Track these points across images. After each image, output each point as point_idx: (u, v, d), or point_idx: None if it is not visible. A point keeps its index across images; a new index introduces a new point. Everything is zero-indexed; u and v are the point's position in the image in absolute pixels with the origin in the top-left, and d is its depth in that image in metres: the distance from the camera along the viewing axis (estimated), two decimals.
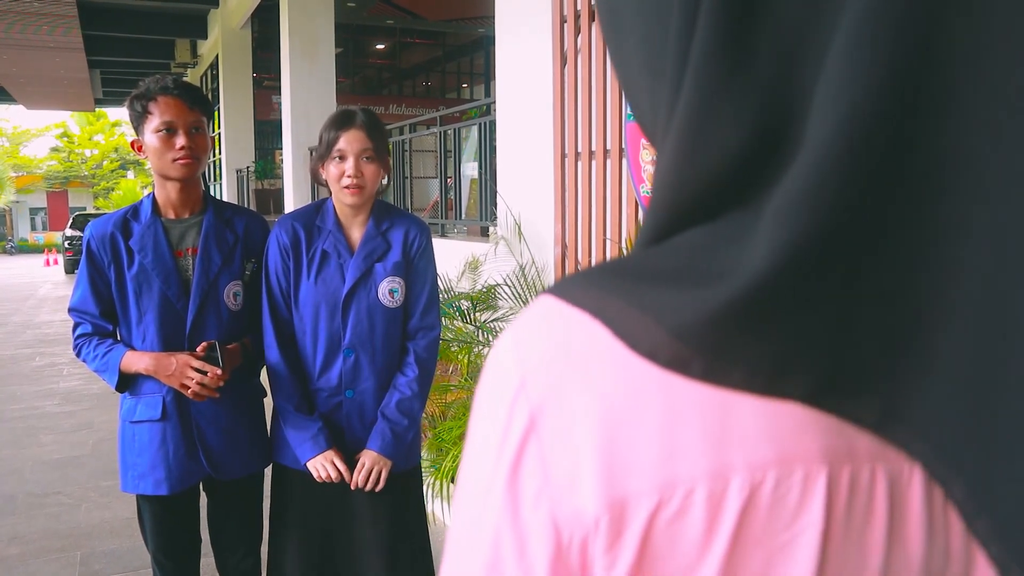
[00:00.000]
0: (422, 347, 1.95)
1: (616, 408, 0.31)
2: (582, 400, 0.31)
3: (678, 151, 0.33)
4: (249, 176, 12.78)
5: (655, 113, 0.36)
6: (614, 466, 0.30)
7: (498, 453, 0.33)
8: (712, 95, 0.31)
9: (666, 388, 0.31)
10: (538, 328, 0.34)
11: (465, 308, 3.81)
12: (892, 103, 0.28)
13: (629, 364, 0.31)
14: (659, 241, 0.35)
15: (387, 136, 1.95)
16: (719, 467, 0.30)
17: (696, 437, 0.30)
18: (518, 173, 4.42)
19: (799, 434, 0.30)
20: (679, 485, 0.30)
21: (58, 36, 11.55)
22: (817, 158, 0.28)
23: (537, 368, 0.33)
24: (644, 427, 0.30)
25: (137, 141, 1.91)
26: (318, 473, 1.86)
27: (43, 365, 7.20)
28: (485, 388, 0.36)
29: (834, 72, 0.28)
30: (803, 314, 0.30)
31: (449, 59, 17.59)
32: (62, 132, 33.78)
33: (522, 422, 0.32)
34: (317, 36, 9.04)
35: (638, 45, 0.36)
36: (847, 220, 0.29)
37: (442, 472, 2.98)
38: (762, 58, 0.31)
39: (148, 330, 1.89)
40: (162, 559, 2.03)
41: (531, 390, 0.33)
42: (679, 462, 0.30)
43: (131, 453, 1.95)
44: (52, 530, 3.40)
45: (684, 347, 0.30)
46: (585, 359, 0.32)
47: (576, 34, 3.84)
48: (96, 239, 1.90)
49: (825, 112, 0.29)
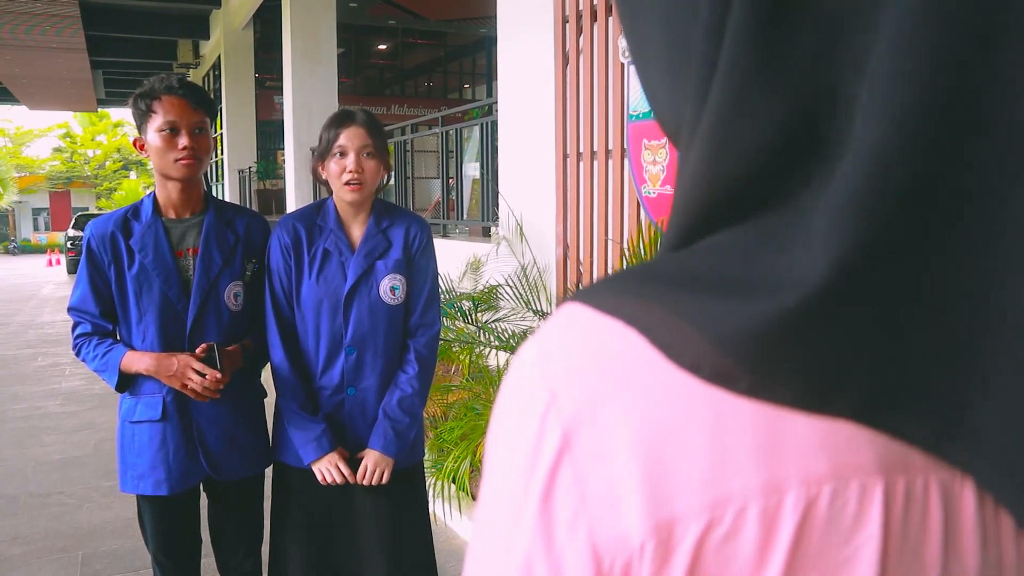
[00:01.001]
0: (422, 344, 1.96)
1: (659, 422, 0.29)
2: (621, 414, 0.29)
3: (708, 145, 0.31)
4: (251, 176, 12.80)
5: (678, 110, 0.34)
6: (659, 485, 0.28)
7: (527, 475, 0.31)
8: (746, 88, 0.30)
9: (712, 400, 0.29)
10: (567, 337, 0.32)
11: (467, 308, 3.81)
12: (948, 100, 0.26)
13: (671, 375, 0.29)
14: (689, 243, 0.33)
15: (386, 136, 1.96)
16: (772, 482, 0.28)
17: (746, 451, 0.28)
18: (520, 173, 4.41)
19: (853, 444, 0.29)
20: (730, 503, 0.28)
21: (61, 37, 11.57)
22: (871, 159, 0.27)
23: (569, 381, 0.31)
24: (690, 442, 0.28)
25: (140, 139, 1.91)
26: (322, 476, 1.86)
27: (45, 365, 7.21)
28: (507, 405, 0.33)
29: (882, 69, 0.27)
30: (857, 326, 0.28)
31: (451, 59, 17.60)
32: (65, 132, 33.83)
33: (554, 440, 0.30)
34: (319, 36, 9.05)
35: (661, 38, 0.34)
36: (904, 226, 0.27)
37: (444, 473, 2.97)
38: (797, 52, 0.29)
39: (148, 330, 1.88)
40: (162, 559, 2.03)
41: (563, 405, 0.30)
42: (729, 478, 0.28)
43: (131, 453, 1.95)
44: (54, 530, 3.40)
45: (730, 361, 0.29)
46: (622, 370, 0.30)
47: (578, 34, 3.84)
48: (96, 238, 1.89)
49: (875, 111, 0.27)
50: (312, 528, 1.96)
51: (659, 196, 3.39)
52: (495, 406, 0.35)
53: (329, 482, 1.86)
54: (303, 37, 8.95)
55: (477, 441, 3.00)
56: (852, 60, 0.28)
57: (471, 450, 2.98)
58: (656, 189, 3.40)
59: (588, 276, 3.85)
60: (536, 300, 3.77)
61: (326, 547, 1.97)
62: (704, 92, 0.31)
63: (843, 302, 0.28)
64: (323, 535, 1.97)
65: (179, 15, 13.70)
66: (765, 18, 0.29)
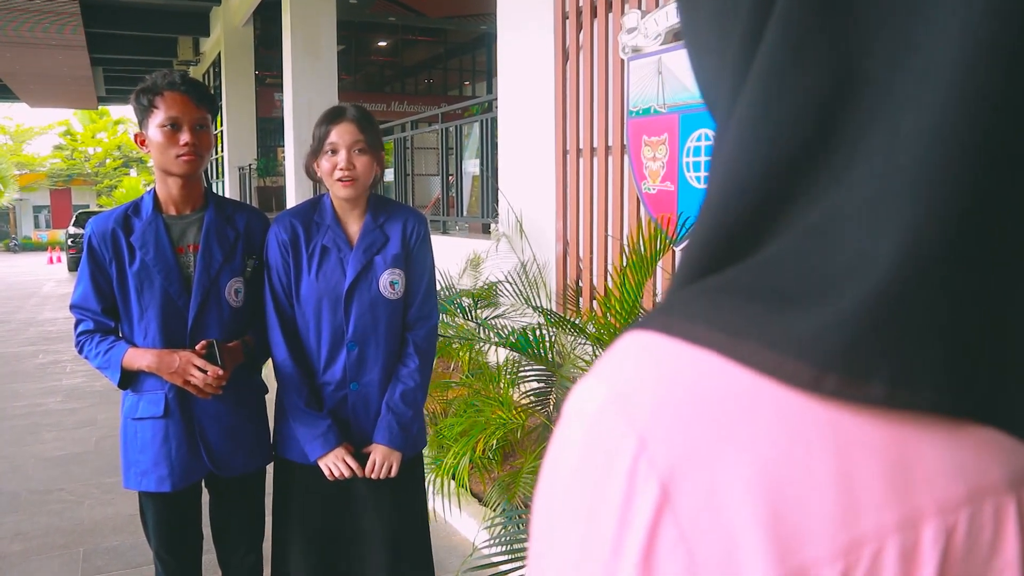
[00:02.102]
0: (421, 336, 1.96)
1: (776, 461, 0.25)
2: (729, 457, 0.25)
3: (760, 96, 0.28)
4: (251, 173, 12.80)
5: (721, 71, 0.32)
6: (784, 534, 0.25)
7: (616, 539, 0.26)
8: (799, 43, 0.27)
9: (833, 429, 0.25)
10: (649, 371, 0.28)
11: (466, 305, 3.81)
12: (1016, 65, 0.24)
13: (785, 406, 0.26)
14: (735, 251, 0.29)
15: (379, 131, 1.96)
16: (908, 516, 0.25)
17: (877, 483, 0.25)
18: (519, 170, 4.41)
19: (982, 459, 0.26)
20: (866, 544, 0.25)
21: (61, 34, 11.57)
22: (932, 130, 0.25)
23: (660, 423, 0.26)
24: (814, 480, 0.25)
25: (141, 135, 1.91)
26: (330, 471, 1.86)
27: (46, 362, 7.22)
28: (575, 455, 0.28)
29: (952, 37, 0.25)
30: (947, 310, 0.25)
31: (451, 56, 17.58)
32: (65, 130, 33.81)
33: (651, 495, 0.26)
34: (319, 33, 9.04)
35: (712, 11, 0.32)
36: (976, 199, 0.25)
37: (443, 469, 2.98)
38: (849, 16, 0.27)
39: (150, 327, 1.88)
40: (164, 555, 2.04)
41: (656, 452, 0.26)
42: (862, 517, 0.25)
43: (133, 450, 1.95)
44: (55, 527, 3.41)
45: (855, 369, 0.25)
46: (723, 406, 0.26)
47: (578, 30, 3.84)
48: (97, 235, 1.89)
49: (940, 83, 0.24)
50: (314, 524, 1.97)
51: (659, 192, 3.38)
52: (547, 462, 0.30)
53: (337, 476, 1.86)
54: (303, 34, 8.94)
55: (477, 437, 3.00)
56: (918, 23, 0.26)
57: (471, 447, 2.99)
58: (656, 185, 3.39)
59: (588, 272, 3.86)
60: (536, 297, 3.77)
61: (328, 543, 1.98)
62: (754, 43, 0.29)
63: (932, 281, 0.25)
64: (325, 530, 1.97)
65: (179, 12, 13.68)
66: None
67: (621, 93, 3.54)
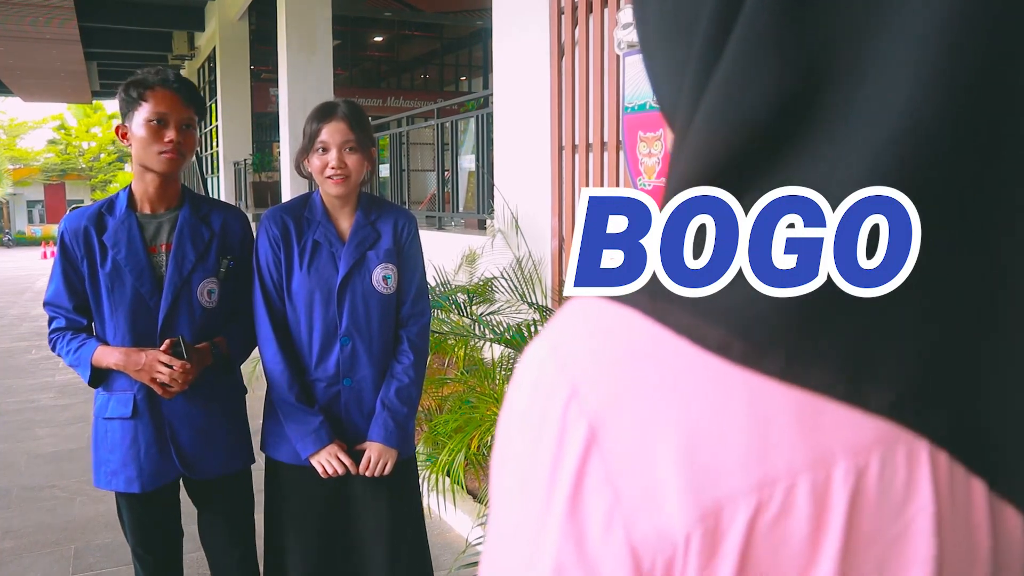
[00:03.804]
0: (415, 333, 1.96)
1: (693, 406, 0.27)
2: (650, 402, 0.27)
3: (718, 104, 0.29)
4: (247, 168, 12.76)
5: (678, 79, 0.33)
6: (701, 471, 0.26)
7: (550, 477, 0.28)
8: (762, 42, 0.28)
9: (746, 382, 0.27)
10: (583, 328, 0.30)
11: (462, 301, 3.80)
12: (983, 64, 0.25)
13: (698, 359, 0.28)
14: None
15: (370, 127, 1.94)
16: (819, 455, 0.26)
17: (789, 426, 0.26)
18: (515, 166, 4.40)
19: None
20: (778, 481, 0.26)
21: (55, 28, 11.51)
22: (898, 127, 0.26)
23: (589, 372, 0.29)
24: (729, 423, 0.27)
25: (123, 127, 1.88)
26: (323, 469, 1.84)
27: (39, 358, 7.18)
28: (518, 407, 0.31)
29: (913, 30, 0.26)
30: (884, 310, 0.27)
31: (447, 51, 17.55)
32: (59, 124, 33.69)
33: (579, 436, 0.28)
34: (315, 28, 9.01)
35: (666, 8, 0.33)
36: (928, 199, 0.26)
37: (438, 466, 2.96)
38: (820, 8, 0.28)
39: (120, 325, 1.86)
40: (141, 553, 2.02)
41: (586, 397, 0.28)
42: (774, 456, 0.26)
43: (103, 449, 1.93)
44: (46, 524, 3.38)
45: (759, 342, 0.27)
46: (645, 358, 0.28)
47: (573, 26, 3.82)
48: (69, 233, 1.87)
49: (904, 75, 0.26)
50: (308, 524, 1.95)
51: (654, 188, 3.37)
52: (501, 414, 0.32)
53: (331, 474, 1.84)
54: (299, 29, 8.91)
55: (471, 434, 2.99)
56: (877, 20, 0.27)
57: (465, 443, 2.97)
58: (651, 181, 3.38)
59: None
60: (531, 293, 3.76)
61: (324, 543, 1.96)
62: (714, 54, 0.30)
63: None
64: (320, 531, 1.95)
65: (174, 6, 13.63)
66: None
67: (617, 89, 3.52)
